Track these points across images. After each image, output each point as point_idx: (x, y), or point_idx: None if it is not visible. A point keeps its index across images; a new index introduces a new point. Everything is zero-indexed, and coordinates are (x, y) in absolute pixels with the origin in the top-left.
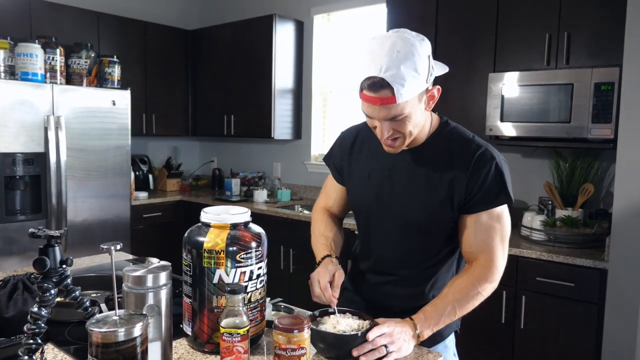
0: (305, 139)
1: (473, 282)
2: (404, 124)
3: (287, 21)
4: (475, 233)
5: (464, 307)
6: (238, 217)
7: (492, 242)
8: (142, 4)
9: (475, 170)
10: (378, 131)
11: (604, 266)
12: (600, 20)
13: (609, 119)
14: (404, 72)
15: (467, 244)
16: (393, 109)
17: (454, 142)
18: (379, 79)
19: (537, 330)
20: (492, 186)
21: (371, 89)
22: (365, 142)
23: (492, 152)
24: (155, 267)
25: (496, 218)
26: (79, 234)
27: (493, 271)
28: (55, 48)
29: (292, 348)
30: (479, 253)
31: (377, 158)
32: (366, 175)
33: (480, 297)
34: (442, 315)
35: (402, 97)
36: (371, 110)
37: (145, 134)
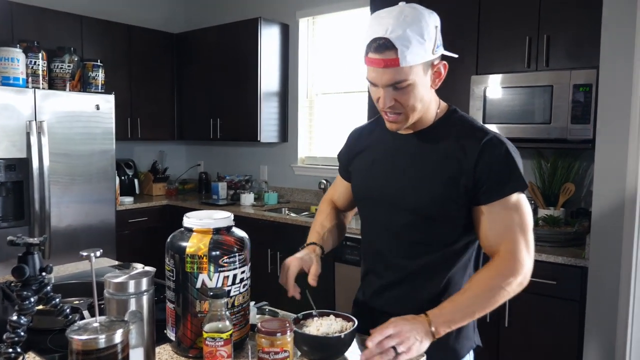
0: (292, 142)
1: (494, 277)
2: (408, 94)
3: (273, 24)
4: (491, 225)
5: (485, 303)
6: (220, 221)
7: (511, 234)
8: (126, 7)
9: (482, 155)
10: (380, 101)
11: (585, 264)
12: (578, 23)
13: (588, 119)
14: (409, 35)
15: (485, 238)
16: (397, 73)
17: (461, 128)
18: (384, 40)
19: (521, 328)
20: (502, 172)
21: (376, 51)
22: (372, 134)
23: (501, 138)
24: (137, 273)
25: (513, 207)
26: (63, 240)
27: (516, 264)
28: (38, 52)
29: (275, 351)
30: (498, 246)
31: (382, 144)
32: (370, 162)
33: (504, 293)
34: (460, 312)
35: (406, 60)
36: (375, 75)
37: (131, 138)
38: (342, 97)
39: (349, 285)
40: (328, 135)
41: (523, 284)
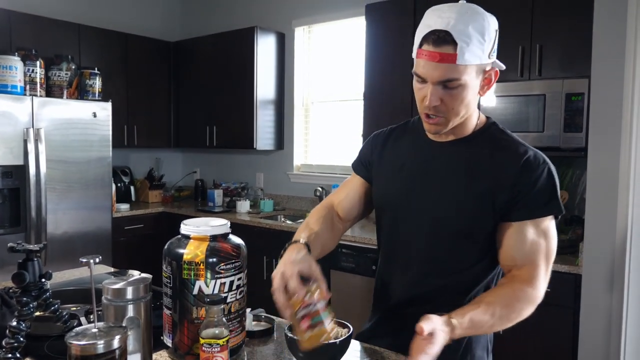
0: (288, 150)
1: (519, 300)
2: (456, 95)
3: (269, 33)
4: (518, 244)
5: (501, 325)
6: (217, 228)
7: (536, 259)
8: (123, 15)
9: (524, 171)
10: (427, 99)
11: (578, 271)
12: (570, 33)
13: (580, 128)
14: (471, 32)
15: (507, 255)
16: (451, 70)
17: (500, 142)
18: (444, 32)
19: (516, 335)
20: (542, 192)
21: (435, 43)
22: (400, 137)
23: (544, 157)
24: (134, 279)
25: (542, 232)
26: (59, 247)
27: (535, 293)
28: (35, 60)
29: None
30: (521, 267)
31: (414, 149)
32: (398, 167)
33: (518, 319)
34: (477, 330)
35: (464, 57)
36: (426, 70)
37: (127, 146)
38: (337, 105)
39: (344, 293)
40: (324, 143)
41: (530, 313)
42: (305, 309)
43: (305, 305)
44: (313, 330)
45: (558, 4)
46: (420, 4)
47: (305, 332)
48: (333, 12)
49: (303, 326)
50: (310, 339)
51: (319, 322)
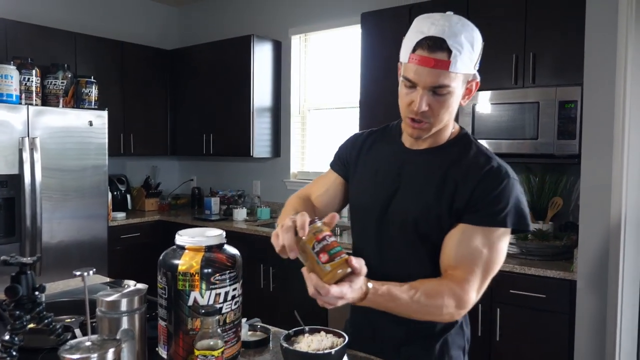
0: (285, 157)
1: (444, 295)
2: (443, 102)
3: (265, 41)
4: (459, 245)
5: (417, 311)
6: (213, 239)
7: (473, 266)
8: (120, 24)
9: (483, 180)
10: (414, 104)
11: (573, 277)
12: (563, 41)
13: (574, 135)
14: (463, 41)
15: (447, 256)
16: (442, 76)
17: (469, 153)
18: (440, 40)
19: (512, 342)
20: (496, 202)
21: (429, 49)
22: (378, 141)
23: (508, 171)
24: (129, 291)
25: (489, 243)
26: (54, 257)
27: (464, 298)
28: (31, 69)
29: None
30: (456, 269)
31: (387, 156)
32: (373, 172)
33: (437, 315)
34: (392, 305)
35: (456, 66)
36: (418, 75)
37: (124, 154)
38: (334, 113)
39: None
40: (320, 150)
41: (453, 317)
42: (320, 243)
43: (319, 240)
44: (335, 261)
45: (551, 13)
46: (415, 12)
47: (325, 265)
48: (329, 20)
49: (323, 259)
50: (333, 271)
51: (338, 253)
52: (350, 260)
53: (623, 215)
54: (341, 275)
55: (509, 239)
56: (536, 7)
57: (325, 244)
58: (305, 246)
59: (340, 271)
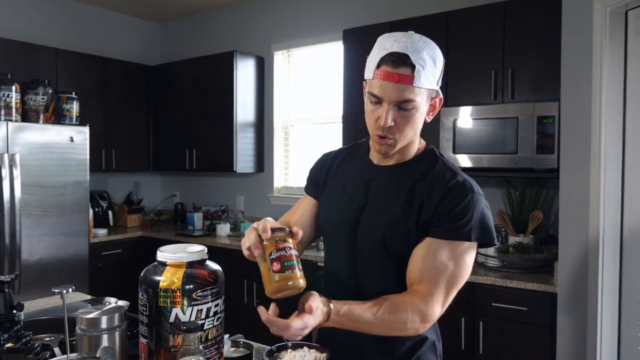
0: (268, 172)
1: (407, 310)
2: (408, 118)
3: (248, 57)
4: (424, 259)
5: (381, 328)
6: (194, 255)
7: (437, 279)
8: (101, 40)
9: (448, 194)
10: (381, 119)
11: (554, 290)
12: (540, 58)
13: (552, 150)
14: (425, 57)
15: (412, 270)
16: (407, 91)
17: (434, 168)
18: (403, 55)
19: (495, 355)
20: (460, 216)
21: (393, 65)
22: (346, 159)
23: (473, 186)
24: (109, 308)
25: (454, 257)
26: (34, 274)
27: (428, 311)
28: (11, 85)
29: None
30: (420, 282)
31: (355, 173)
32: (341, 190)
33: (402, 330)
34: (356, 322)
35: (420, 81)
36: (383, 90)
37: (105, 170)
38: (317, 128)
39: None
40: (304, 165)
41: (419, 330)
42: (278, 252)
43: (279, 249)
44: (284, 273)
45: (528, 31)
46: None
47: (275, 274)
48: (311, 36)
49: (274, 268)
50: (279, 282)
51: (290, 267)
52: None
53: (601, 228)
54: (283, 295)
55: (474, 252)
56: (514, 25)
57: (282, 254)
58: (264, 250)
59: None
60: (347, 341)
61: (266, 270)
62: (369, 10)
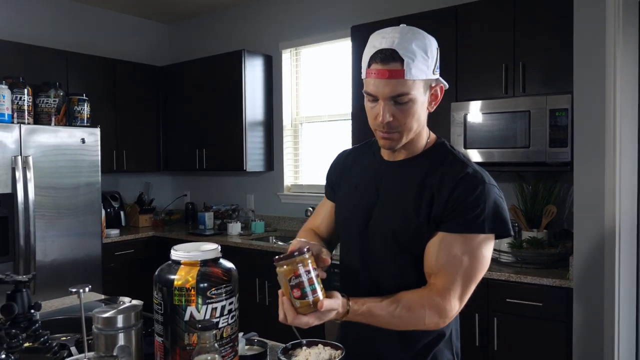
0: (278, 171)
1: (425, 306)
2: (407, 111)
3: (256, 56)
4: (438, 253)
5: (399, 325)
6: (208, 253)
7: (453, 274)
8: (111, 42)
9: (458, 186)
10: (379, 116)
11: (569, 285)
12: (552, 50)
13: (565, 143)
14: (415, 49)
15: (428, 264)
16: (400, 85)
17: (445, 160)
18: (390, 51)
19: (510, 351)
20: (472, 208)
21: (382, 62)
22: (359, 157)
23: (484, 177)
24: (125, 307)
25: (469, 251)
26: (48, 275)
27: (446, 306)
28: (23, 88)
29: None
30: (437, 277)
31: (367, 170)
32: (353, 186)
33: (420, 325)
34: (375, 320)
35: (411, 73)
36: (376, 87)
37: (116, 170)
38: (326, 125)
39: None
40: (313, 163)
41: (439, 325)
42: (297, 279)
43: (297, 275)
44: (304, 300)
45: (539, 23)
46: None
47: (296, 300)
48: (319, 34)
49: (295, 295)
50: (301, 307)
51: (311, 291)
52: (321, 304)
53: (617, 221)
54: (308, 312)
55: (492, 245)
56: (524, 17)
57: (300, 281)
58: (284, 275)
59: (310, 309)
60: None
61: (288, 295)
62: (377, 6)
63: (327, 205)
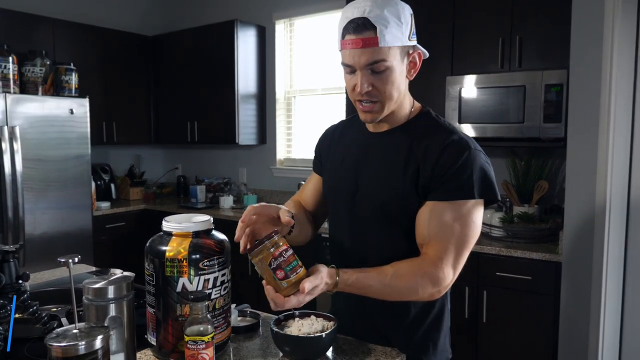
0: (270, 144)
1: (417, 276)
2: (385, 79)
3: (249, 27)
4: (430, 222)
5: (392, 295)
6: (200, 224)
7: (445, 242)
8: (99, 10)
9: (444, 153)
10: (357, 87)
11: (558, 259)
12: (549, 25)
13: (559, 118)
14: (387, 15)
15: (420, 234)
16: (375, 52)
17: (430, 129)
18: (362, 19)
19: (499, 323)
20: (459, 175)
21: (355, 31)
22: (347, 130)
23: (470, 143)
24: (116, 278)
25: (460, 217)
26: (38, 248)
27: (438, 273)
28: (8, 56)
29: (285, 249)
30: (429, 246)
31: (353, 142)
32: (340, 160)
33: (413, 295)
34: (366, 290)
35: (385, 39)
36: (352, 57)
37: (107, 143)
38: (319, 98)
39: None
40: (306, 136)
41: (434, 296)
42: (277, 260)
43: (276, 257)
44: (290, 278)
45: None
46: None
47: (281, 281)
48: (314, 4)
49: (279, 276)
50: (288, 288)
51: (292, 269)
52: (302, 287)
53: (608, 198)
54: (295, 290)
55: (482, 210)
56: None
57: (281, 261)
58: (262, 262)
59: (296, 287)
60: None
61: (271, 279)
62: None
63: (314, 179)
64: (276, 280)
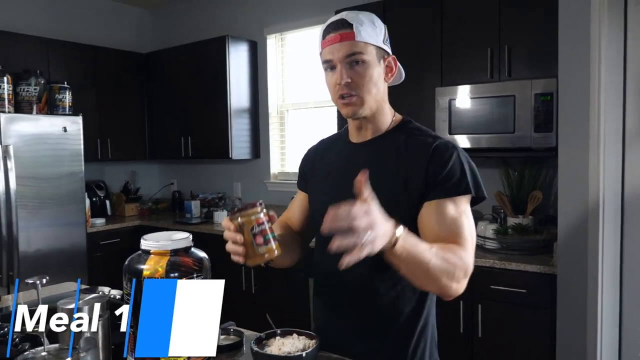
0: (264, 158)
1: (455, 254)
2: (363, 72)
3: (241, 42)
4: (439, 220)
5: (434, 270)
6: (178, 242)
7: (462, 232)
8: (92, 29)
9: (434, 156)
10: (337, 77)
11: (553, 271)
12: (537, 34)
13: (550, 128)
14: (362, 18)
15: (432, 234)
16: (352, 45)
17: (414, 135)
18: (340, 19)
19: (494, 338)
20: (453, 173)
21: (334, 29)
22: (329, 146)
23: (454, 144)
24: (90, 298)
25: (462, 212)
26: (32, 265)
27: (466, 257)
28: (3, 76)
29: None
30: (447, 239)
31: (337, 156)
32: (325, 174)
33: (449, 277)
34: (418, 256)
35: (360, 35)
36: (332, 52)
37: (101, 159)
38: (312, 112)
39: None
40: (300, 150)
41: (459, 290)
42: (259, 227)
43: (259, 223)
44: (267, 246)
45: (524, 6)
46: (389, 8)
47: (259, 247)
48: (303, 19)
49: (258, 241)
50: (263, 255)
51: (272, 238)
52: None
53: (601, 207)
54: (266, 260)
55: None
56: (509, 0)
57: (263, 229)
58: (244, 226)
59: (272, 255)
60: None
61: (248, 245)
62: None
63: (299, 197)
64: (254, 246)
